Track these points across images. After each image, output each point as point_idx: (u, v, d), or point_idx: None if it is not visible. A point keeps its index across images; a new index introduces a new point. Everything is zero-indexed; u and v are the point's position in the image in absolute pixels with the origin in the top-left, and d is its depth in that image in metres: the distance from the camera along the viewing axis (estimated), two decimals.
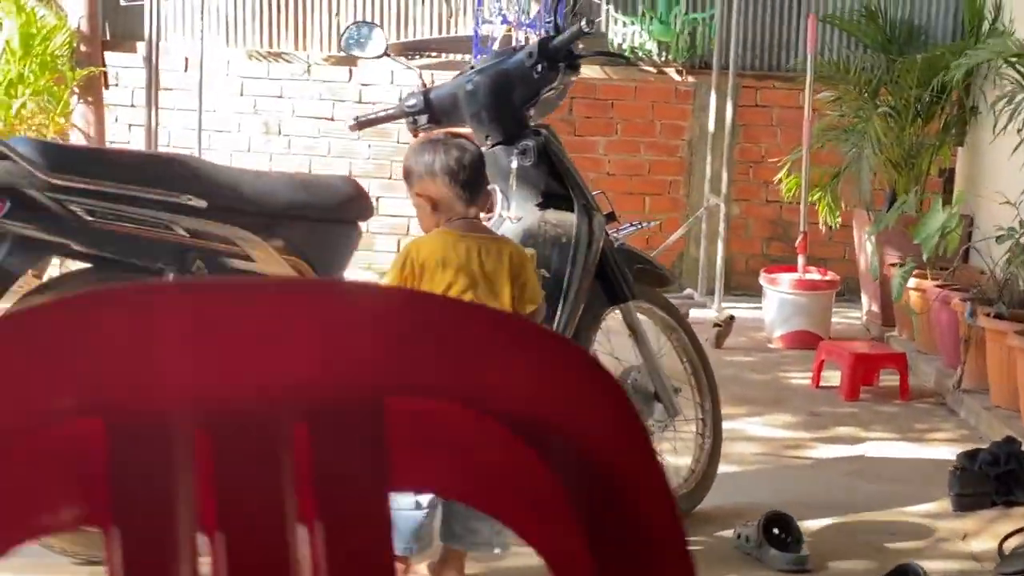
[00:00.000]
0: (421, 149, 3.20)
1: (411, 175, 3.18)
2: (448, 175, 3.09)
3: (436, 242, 3.07)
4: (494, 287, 3.04)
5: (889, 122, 6.75)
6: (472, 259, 3.04)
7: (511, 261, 3.07)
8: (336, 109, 8.21)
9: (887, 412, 5.39)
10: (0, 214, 3.15)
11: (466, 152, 3.13)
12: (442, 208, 3.12)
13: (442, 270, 3.03)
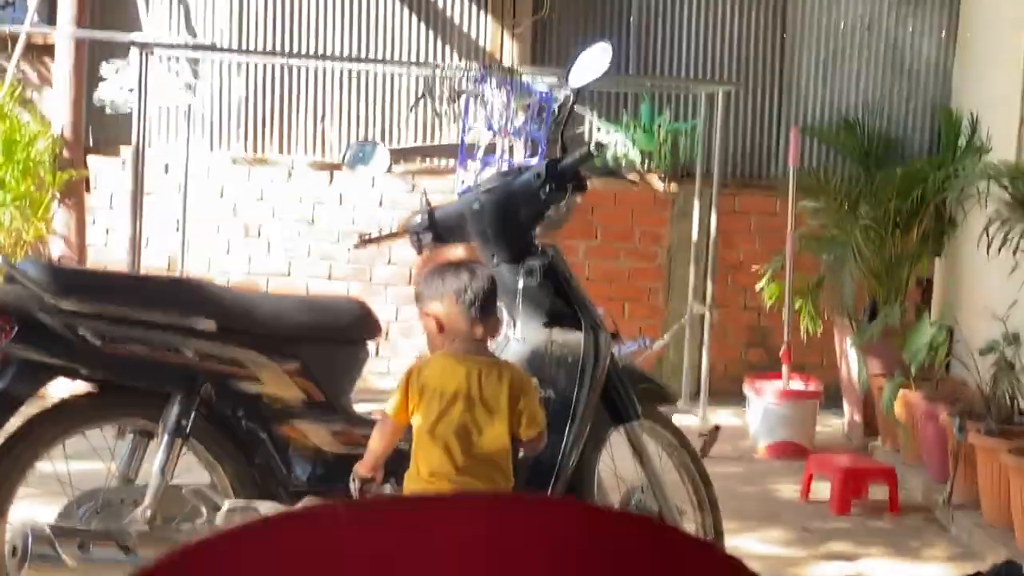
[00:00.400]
0: (434, 272, 3.20)
1: (422, 296, 3.18)
2: (457, 298, 3.09)
3: (437, 365, 3.07)
4: (492, 411, 3.03)
5: (869, 233, 6.83)
6: (472, 383, 3.03)
7: (511, 386, 3.06)
8: (316, 211, 8.21)
9: (879, 528, 5.38)
10: (8, 338, 3.11)
11: (477, 277, 3.13)
12: (449, 330, 3.12)
13: (441, 393, 3.03)
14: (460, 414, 3.01)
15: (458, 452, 2.98)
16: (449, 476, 2.98)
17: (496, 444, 3.02)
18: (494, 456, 3.03)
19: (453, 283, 3.11)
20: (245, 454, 3.41)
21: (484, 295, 3.11)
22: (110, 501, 3.26)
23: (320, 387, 3.47)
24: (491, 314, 3.15)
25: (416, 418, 3.03)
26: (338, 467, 3.42)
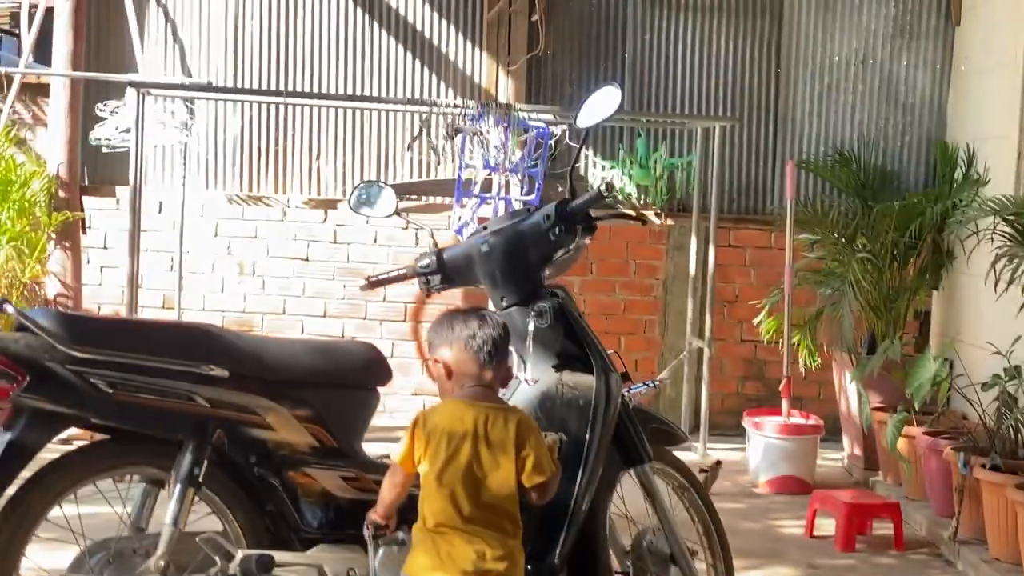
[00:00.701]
0: (444, 318, 3.19)
1: (432, 342, 3.17)
2: (466, 345, 3.07)
3: (446, 411, 3.06)
4: (498, 455, 3.01)
5: (867, 266, 6.84)
6: (478, 428, 3.01)
7: (517, 431, 3.04)
8: (311, 249, 8.20)
9: (884, 564, 5.36)
10: (20, 389, 3.08)
11: (487, 324, 3.12)
12: (458, 376, 3.10)
13: (448, 439, 3.00)
14: (467, 457, 2.98)
15: (465, 501, 2.96)
16: (456, 526, 2.95)
17: (503, 489, 3.00)
18: (502, 502, 3.00)
19: (462, 330, 3.10)
20: (257, 501, 3.37)
21: (493, 342, 3.09)
22: (122, 551, 3.22)
23: (331, 433, 3.44)
24: (502, 361, 3.13)
25: (423, 466, 3.01)
26: (351, 513, 3.39)
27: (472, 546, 2.93)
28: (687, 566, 3.85)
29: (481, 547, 2.93)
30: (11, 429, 3.12)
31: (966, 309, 6.93)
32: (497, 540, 2.96)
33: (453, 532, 2.95)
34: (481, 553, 2.92)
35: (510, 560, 2.97)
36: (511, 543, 3.00)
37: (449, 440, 3.00)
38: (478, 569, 2.91)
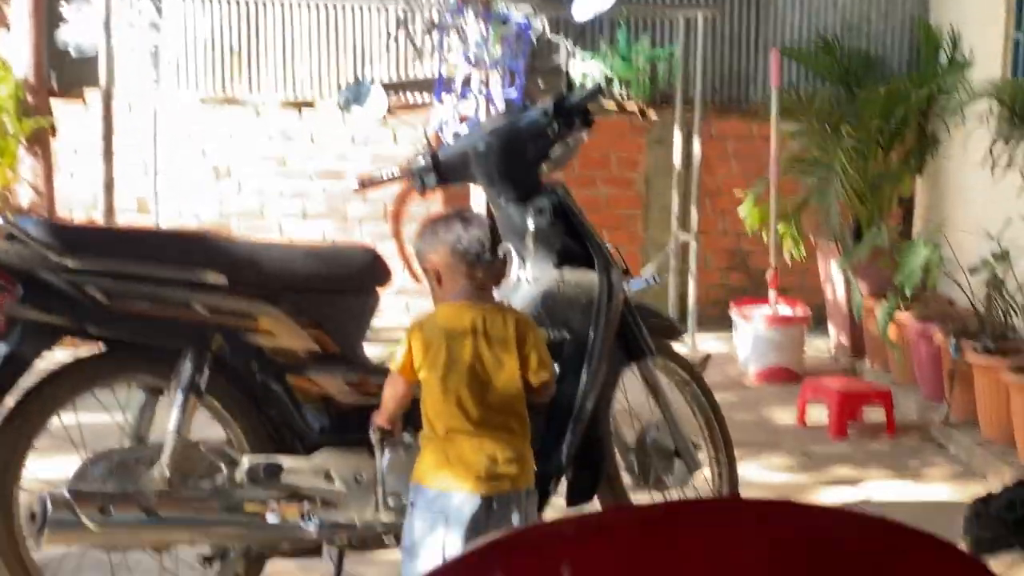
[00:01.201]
0: (428, 225, 3.11)
1: (419, 251, 3.10)
2: (452, 249, 2.99)
3: (441, 315, 2.99)
4: (500, 356, 2.95)
5: (852, 154, 6.78)
6: (477, 328, 2.95)
7: (516, 329, 2.98)
8: (287, 150, 8.07)
9: (877, 450, 5.40)
10: (13, 299, 3.01)
11: (471, 226, 3.03)
12: (448, 281, 3.02)
13: (448, 343, 2.94)
14: (469, 359, 2.93)
15: (472, 405, 2.91)
16: (465, 430, 2.91)
17: (509, 389, 2.95)
18: (509, 402, 2.96)
19: (446, 234, 3.02)
20: (259, 408, 3.33)
21: (480, 242, 3.01)
22: (125, 461, 3.17)
23: (332, 337, 3.39)
24: (491, 260, 3.04)
25: (423, 372, 2.94)
26: (354, 417, 3.35)
27: (483, 450, 2.89)
28: (691, 459, 3.85)
29: (492, 450, 2.90)
30: (6, 340, 3.06)
31: (951, 194, 6.90)
32: (507, 442, 2.93)
33: (462, 437, 2.90)
34: (492, 456, 2.89)
35: (521, 462, 2.94)
36: (520, 444, 2.97)
37: (449, 344, 2.94)
38: (491, 473, 2.88)
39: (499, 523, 2.88)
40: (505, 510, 2.89)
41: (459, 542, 2.85)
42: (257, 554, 3.33)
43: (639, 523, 0.76)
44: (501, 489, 2.89)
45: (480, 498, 2.86)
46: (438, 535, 2.87)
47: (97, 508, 3.00)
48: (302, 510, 3.25)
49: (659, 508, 0.93)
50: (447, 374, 2.92)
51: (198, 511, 3.17)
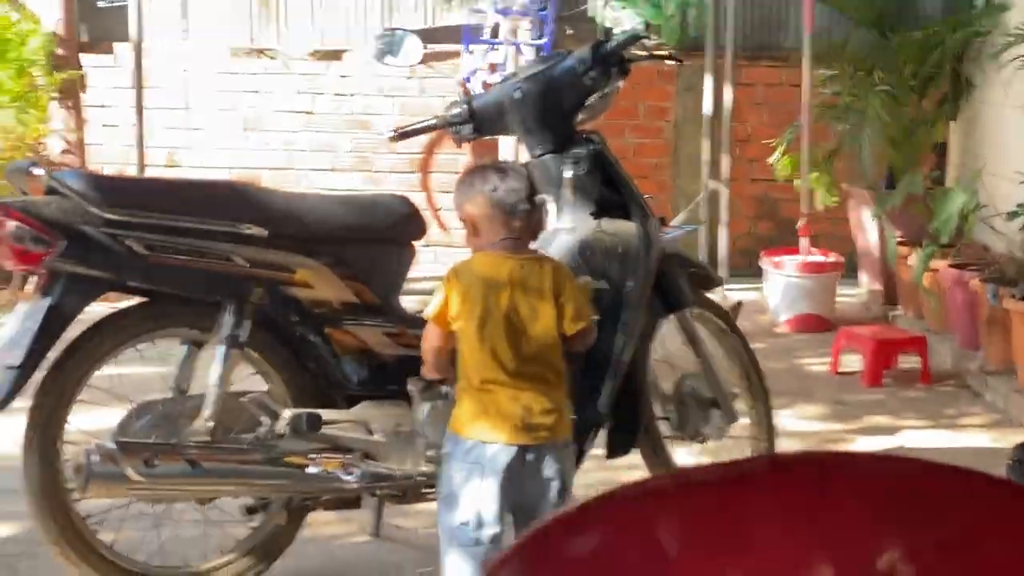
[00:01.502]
0: (464, 176, 3.10)
1: (457, 201, 3.08)
2: (488, 199, 2.98)
3: (478, 264, 2.97)
4: (536, 306, 2.94)
5: (886, 99, 6.71)
6: (514, 279, 2.94)
7: (553, 278, 2.97)
8: (316, 103, 8.05)
9: (912, 398, 5.38)
10: (55, 254, 3.02)
11: (507, 177, 3.01)
12: (484, 232, 3.01)
13: (484, 292, 2.93)
14: (506, 309, 2.91)
15: (508, 356, 2.90)
16: (501, 381, 2.90)
17: (545, 339, 2.94)
18: (545, 353, 2.95)
19: (483, 184, 3.00)
20: (299, 361, 3.33)
21: (516, 192, 2.99)
22: (168, 413, 3.19)
23: (371, 289, 3.38)
24: (528, 211, 3.02)
25: (459, 322, 2.94)
26: (393, 369, 3.36)
27: (519, 401, 2.89)
28: (728, 409, 3.85)
29: (528, 401, 2.89)
30: (49, 294, 3.06)
31: (987, 139, 6.82)
32: (543, 393, 2.92)
33: (499, 387, 2.90)
34: (528, 407, 2.89)
35: (558, 412, 2.94)
36: (557, 395, 2.96)
37: (485, 293, 2.92)
38: (527, 423, 2.88)
39: (534, 474, 2.88)
40: (540, 461, 2.89)
41: (495, 492, 2.85)
42: (298, 505, 3.35)
43: (736, 478, 0.76)
44: (537, 439, 2.89)
45: (516, 448, 2.86)
46: (474, 485, 2.88)
47: (141, 460, 3.02)
48: (342, 462, 3.26)
49: (756, 462, 0.92)
50: (483, 324, 2.91)
51: (240, 463, 3.19)
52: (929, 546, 0.74)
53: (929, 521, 0.77)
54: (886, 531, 0.76)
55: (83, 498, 3.08)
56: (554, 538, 0.68)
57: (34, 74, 7.04)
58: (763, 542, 0.72)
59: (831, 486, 0.75)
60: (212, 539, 3.41)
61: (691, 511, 0.71)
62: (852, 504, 0.73)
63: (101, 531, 3.24)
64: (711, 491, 0.73)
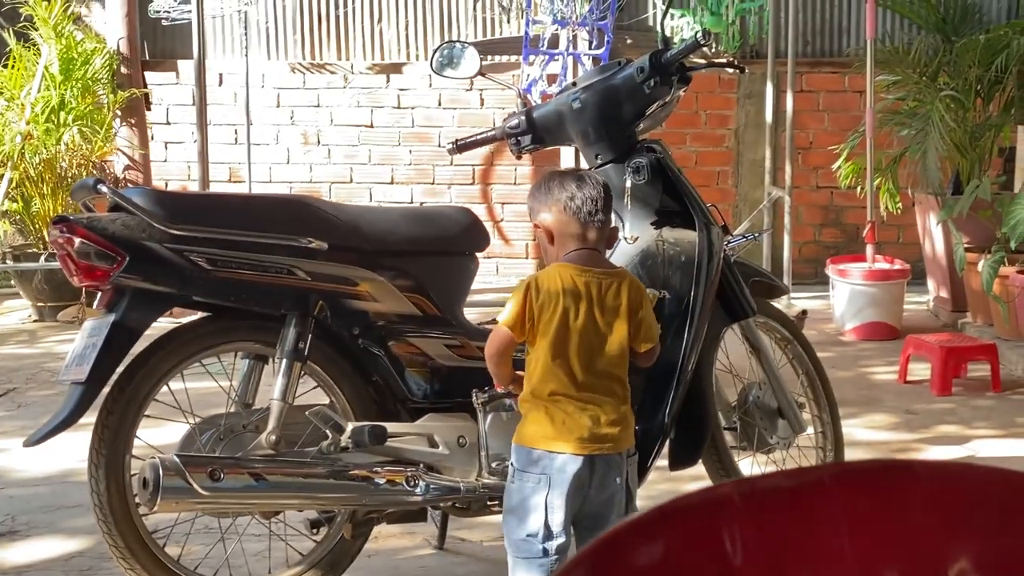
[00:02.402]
0: (541, 181, 3.07)
1: (532, 207, 3.06)
2: (565, 207, 2.95)
3: (556, 276, 2.94)
4: (613, 323, 2.91)
5: (950, 104, 6.63)
6: (592, 294, 2.91)
7: (630, 296, 2.94)
8: (375, 116, 8.09)
9: (984, 406, 5.29)
10: (119, 270, 3.04)
11: (586, 185, 2.98)
12: (560, 240, 2.98)
13: (562, 306, 2.90)
14: (583, 325, 2.88)
15: (579, 370, 2.87)
16: (570, 394, 2.88)
17: (618, 353, 2.92)
18: (615, 368, 2.92)
19: (560, 192, 2.97)
20: (362, 373, 3.33)
21: (594, 201, 2.97)
22: (232, 427, 3.19)
23: (432, 301, 3.38)
24: (605, 221, 3.01)
25: (535, 334, 2.91)
26: (456, 381, 3.35)
27: (586, 412, 2.86)
28: (795, 418, 3.80)
29: (595, 412, 2.87)
30: (114, 310, 3.08)
31: None
32: (610, 405, 2.90)
33: (567, 400, 2.88)
34: (596, 418, 2.87)
35: (623, 424, 2.92)
36: (623, 408, 2.93)
37: (564, 307, 2.89)
38: (593, 435, 2.86)
39: (601, 484, 2.86)
40: (607, 471, 2.87)
41: (562, 503, 2.83)
42: (363, 519, 3.35)
43: (802, 486, 0.73)
44: (603, 450, 2.86)
45: (583, 458, 2.84)
46: (541, 496, 2.85)
47: (207, 474, 3.02)
48: (406, 475, 3.25)
49: (824, 469, 0.90)
50: (558, 339, 2.88)
51: (304, 476, 3.19)
52: (999, 555, 0.71)
53: (999, 529, 0.74)
54: (956, 540, 0.73)
55: (150, 512, 3.09)
56: (620, 547, 0.66)
57: (98, 93, 7.13)
58: (830, 551, 0.70)
59: (899, 494, 0.72)
60: (277, 553, 3.41)
61: (756, 520, 0.69)
62: (921, 513, 0.71)
63: (168, 545, 3.25)
64: (777, 499, 0.71)
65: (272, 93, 8.05)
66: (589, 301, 2.90)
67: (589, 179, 3.02)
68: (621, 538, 0.68)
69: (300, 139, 8.09)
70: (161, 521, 3.29)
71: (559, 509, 2.85)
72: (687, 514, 0.69)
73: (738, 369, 3.89)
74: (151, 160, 7.75)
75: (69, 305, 6.93)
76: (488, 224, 8.03)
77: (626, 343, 2.92)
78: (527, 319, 2.91)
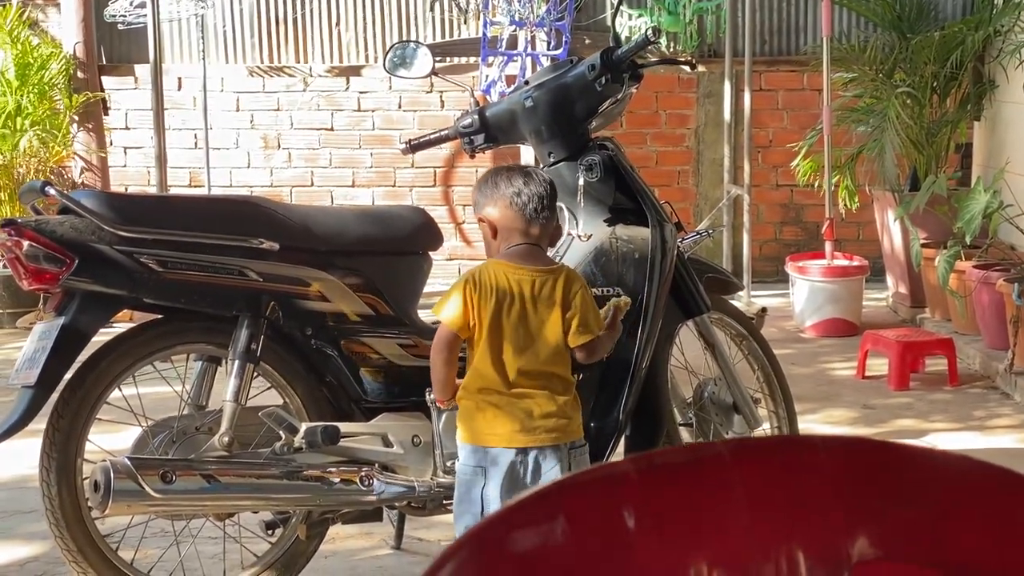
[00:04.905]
0: (488, 175, 3.08)
1: (477, 201, 3.06)
2: (511, 202, 2.96)
3: (490, 272, 2.94)
4: (545, 321, 2.92)
5: (907, 100, 6.67)
6: (525, 292, 2.91)
7: (563, 292, 2.93)
8: (335, 119, 8.07)
9: (941, 400, 5.32)
10: (68, 272, 3.02)
11: (532, 180, 2.99)
12: (503, 234, 2.99)
13: (496, 301, 2.90)
14: (515, 322, 2.89)
15: (510, 365, 2.87)
16: (501, 390, 2.88)
17: (552, 348, 2.91)
18: (550, 364, 2.91)
19: (507, 187, 2.97)
20: (316, 374, 3.32)
21: (539, 197, 2.97)
22: (184, 429, 3.18)
23: (385, 300, 3.37)
24: (549, 217, 3.00)
25: (471, 329, 2.92)
26: (410, 380, 3.35)
27: (518, 406, 2.86)
28: (750, 413, 3.81)
29: (528, 405, 2.87)
30: (64, 313, 3.06)
31: (1011, 138, 6.76)
32: (545, 398, 2.89)
33: (498, 395, 2.88)
34: (529, 411, 2.87)
35: (560, 416, 2.90)
36: (562, 399, 2.91)
37: (497, 302, 2.90)
38: (525, 427, 2.86)
39: (536, 475, 2.85)
40: (542, 463, 2.87)
41: (497, 495, 2.85)
42: (318, 519, 3.34)
43: (699, 461, 0.74)
44: (537, 442, 2.86)
45: (515, 451, 2.85)
46: (478, 490, 2.88)
47: (159, 476, 3.01)
48: (361, 474, 3.25)
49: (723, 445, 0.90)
50: (491, 334, 2.89)
51: (258, 477, 3.18)
52: (899, 529, 0.72)
53: (899, 503, 0.75)
54: (856, 514, 0.74)
55: (102, 516, 3.07)
56: (509, 526, 0.66)
57: (55, 98, 7.09)
58: (730, 526, 0.70)
59: (798, 469, 0.73)
60: (232, 555, 3.40)
61: (654, 495, 0.70)
62: (820, 487, 0.71)
63: (121, 549, 3.24)
64: (675, 475, 0.71)
65: (231, 97, 8.02)
66: (521, 298, 2.90)
67: (535, 175, 3.02)
68: (509, 518, 0.68)
69: (260, 143, 8.06)
70: (115, 525, 3.27)
71: (495, 501, 2.86)
72: (585, 488, 0.70)
73: (693, 365, 3.90)
74: (110, 165, 7.71)
75: (28, 311, 6.87)
76: (450, 226, 8.03)
77: (560, 339, 2.92)
78: (471, 316, 2.91)
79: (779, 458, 0.75)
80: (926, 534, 0.73)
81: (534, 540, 0.66)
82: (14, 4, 7.20)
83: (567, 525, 0.67)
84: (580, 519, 0.68)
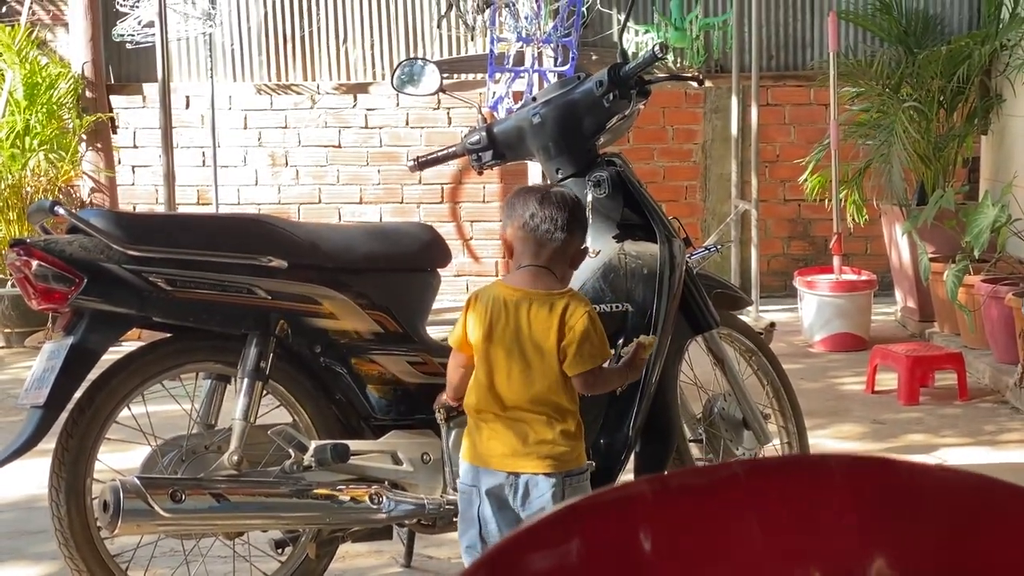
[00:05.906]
0: (511, 195, 3.06)
1: (502, 220, 3.05)
2: (524, 224, 2.93)
3: (492, 293, 2.91)
4: (541, 346, 2.87)
5: (914, 115, 6.67)
6: (520, 314, 2.87)
7: (560, 313, 2.87)
8: (342, 136, 8.08)
9: (951, 415, 5.31)
10: (77, 292, 3.02)
11: (547, 203, 2.92)
12: (516, 255, 2.97)
13: (491, 322, 2.87)
14: (509, 345, 2.85)
15: (504, 388, 2.83)
16: (496, 412, 2.86)
17: (546, 376, 2.85)
18: (546, 391, 2.85)
19: (523, 208, 2.94)
20: (325, 392, 3.32)
21: (552, 220, 2.90)
22: (194, 448, 3.18)
23: (394, 317, 3.37)
24: (564, 240, 2.92)
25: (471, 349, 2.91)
26: (419, 398, 3.35)
27: (512, 430, 2.83)
28: (760, 429, 3.80)
29: (524, 430, 2.82)
30: (72, 333, 3.07)
31: (1018, 152, 6.76)
32: (542, 424, 2.83)
33: (494, 417, 2.85)
34: (523, 436, 2.81)
35: (556, 444, 2.82)
36: (561, 427, 2.84)
37: (490, 323, 2.87)
38: (516, 452, 2.81)
39: (524, 501, 2.81)
40: (532, 490, 2.81)
41: (490, 515, 2.84)
42: (328, 538, 3.33)
43: (716, 483, 0.73)
44: (529, 468, 2.82)
45: (505, 474, 2.83)
46: (475, 508, 2.88)
47: (168, 495, 3.01)
48: (371, 492, 3.24)
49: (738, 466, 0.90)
50: (483, 354, 2.87)
51: (268, 496, 3.17)
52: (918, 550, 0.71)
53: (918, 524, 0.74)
54: (874, 535, 0.73)
55: (112, 536, 3.07)
56: (523, 549, 0.66)
57: (63, 117, 7.11)
58: (745, 548, 0.69)
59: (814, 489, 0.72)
60: (241, 574, 3.39)
61: (670, 516, 0.69)
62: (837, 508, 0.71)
63: (131, 569, 3.23)
64: (690, 496, 0.71)
65: (239, 115, 8.04)
66: (516, 320, 2.85)
67: (553, 197, 2.94)
68: (524, 540, 0.67)
69: (268, 160, 8.08)
70: (125, 544, 3.27)
71: (490, 521, 2.87)
72: (600, 511, 0.69)
73: (703, 381, 3.90)
74: (119, 184, 7.73)
75: (37, 331, 6.89)
76: (457, 242, 8.03)
77: (557, 366, 2.84)
78: (468, 335, 2.90)
79: (793, 478, 0.74)
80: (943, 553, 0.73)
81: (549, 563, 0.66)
82: (23, 24, 7.22)
83: (582, 548, 0.67)
84: (595, 541, 0.67)
